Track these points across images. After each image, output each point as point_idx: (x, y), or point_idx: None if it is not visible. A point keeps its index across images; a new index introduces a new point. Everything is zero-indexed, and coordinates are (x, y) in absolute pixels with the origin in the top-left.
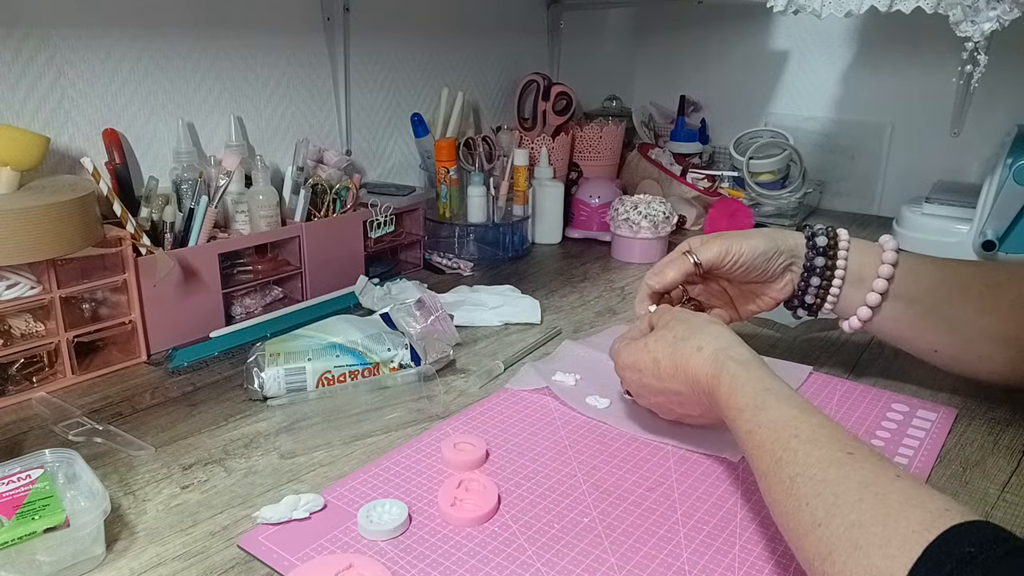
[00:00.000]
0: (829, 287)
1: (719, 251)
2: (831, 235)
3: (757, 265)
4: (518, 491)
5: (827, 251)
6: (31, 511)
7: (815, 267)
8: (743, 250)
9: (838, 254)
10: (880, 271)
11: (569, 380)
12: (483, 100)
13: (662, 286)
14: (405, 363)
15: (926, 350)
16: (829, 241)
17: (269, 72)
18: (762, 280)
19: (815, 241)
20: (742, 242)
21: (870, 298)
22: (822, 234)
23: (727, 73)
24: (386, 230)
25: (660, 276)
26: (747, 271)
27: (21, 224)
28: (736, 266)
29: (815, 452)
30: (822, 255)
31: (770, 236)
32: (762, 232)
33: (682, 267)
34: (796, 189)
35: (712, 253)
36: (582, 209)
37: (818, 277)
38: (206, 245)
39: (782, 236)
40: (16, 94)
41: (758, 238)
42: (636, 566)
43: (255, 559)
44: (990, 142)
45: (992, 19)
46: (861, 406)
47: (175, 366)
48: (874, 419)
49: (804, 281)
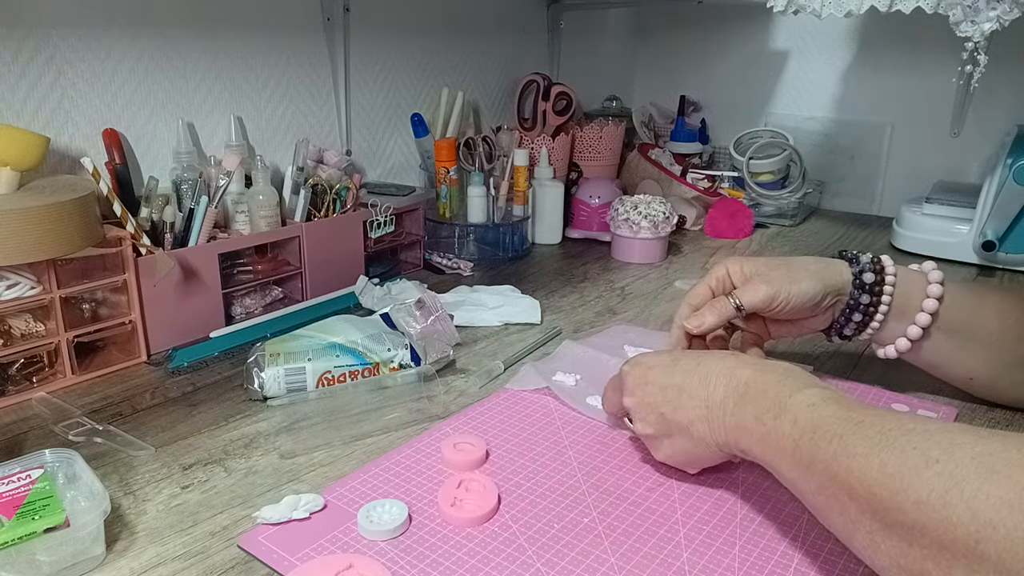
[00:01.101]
0: (871, 322)
1: (766, 297)
2: (877, 268)
3: (805, 309)
4: (518, 491)
5: (873, 287)
6: (31, 511)
7: (859, 304)
8: (791, 295)
9: (884, 289)
10: (924, 305)
11: (569, 380)
12: (483, 100)
13: (700, 331)
14: (405, 363)
15: (960, 377)
16: (876, 277)
17: (269, 72)
18: (805, 317)
19: (862, 279)
20: (791, 287)
21: (911, 331)
22: (869, 269)
23: (727, 73)
24: (386, 230)
25: (698, 320)
26: (792, 313)
27: (21, 224)
28: (783, 311)
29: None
30: (868, 292)
31: (819, 277)
32: (809, 272)
33: (723, 312)
34: (796, 189)
35: (759, 298)
36: (582, 209)
37: (860, 313)
38: (206, 245)
39: (829, 275)
40: (16, 94)
41: (807, 281)
42: (636, 566)
43: (255, 559)
44: (990, 142)
45: (992, 19)
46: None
47: (175, 366)
48: None
49: (845, 316)
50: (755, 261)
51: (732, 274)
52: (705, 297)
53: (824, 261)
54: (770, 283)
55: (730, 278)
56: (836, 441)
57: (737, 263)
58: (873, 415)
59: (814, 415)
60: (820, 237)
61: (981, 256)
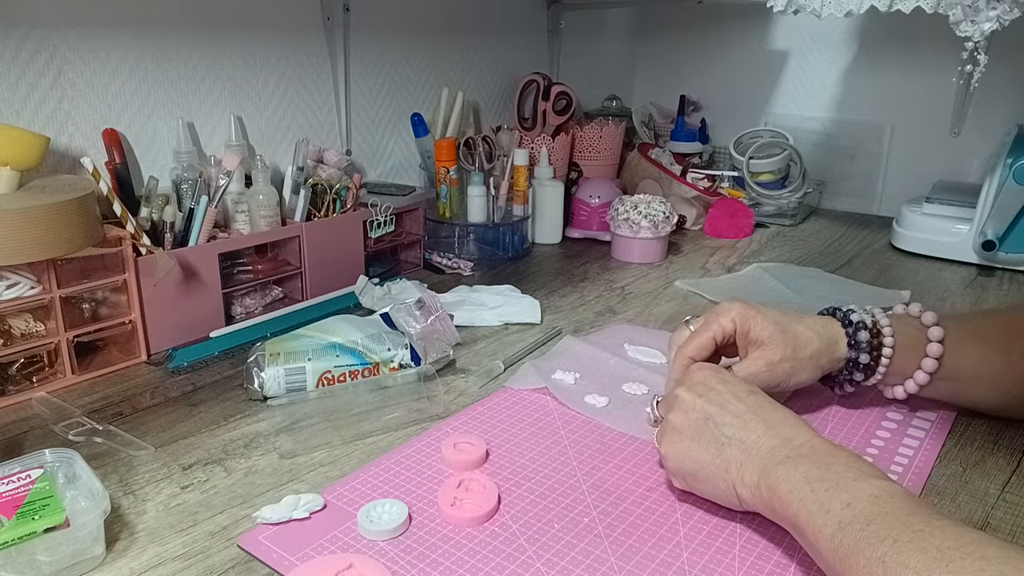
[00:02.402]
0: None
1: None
2: (874, 332)
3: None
4: (518, 491)
5: (871, 357)
6: (31, 511)
7: (859, 363)
8: (789, 384)
9: (880, 361)
10: (923, 364)
11: (569, 379)
12: (483, 100)
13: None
14: (405, 363)
15: (967, 408)
16: (873, 341)
17: (269, 72)
18: None
19: (858, 360)
20: (790, 379)
21: (909, 386)
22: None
23: (727, 73)
24: (386, 230)
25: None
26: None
27: (21, 224)
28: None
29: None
30: (866, 352)
31: (818, 365)
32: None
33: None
34: (796, 189)
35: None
36: (582, 209)
37: (861, 374)
38: (206, 245)
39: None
40: (16, 94)
41: (809, 372)
42: (636, 566)
43: (255, 559)
44: (990, 142)
45: (992, 19)
46: (861, 406)
47: (175, 366)
48: (874, 419)
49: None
50: (763, 321)
51: (739, 329)
52: (708, 350)
53: (827, 337)
54: (772, 372)
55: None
56: (888, 544)
57: (746, 319)
58: (935, 526)
59: (872, 508)
60: (820, 237)
61: (981, 256)
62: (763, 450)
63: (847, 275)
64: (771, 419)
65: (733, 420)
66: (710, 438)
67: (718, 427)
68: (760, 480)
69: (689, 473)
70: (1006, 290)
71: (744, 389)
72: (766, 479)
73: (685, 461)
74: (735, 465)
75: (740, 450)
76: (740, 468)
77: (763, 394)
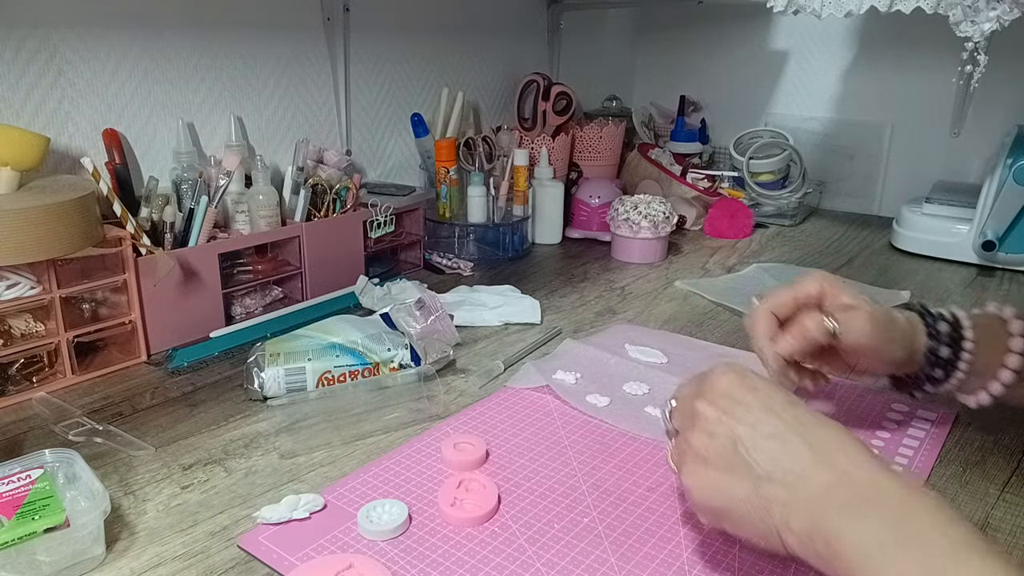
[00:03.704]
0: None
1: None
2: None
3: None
4: (518, 491)
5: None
6: (31, 511)
7: (940, 358)
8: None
9: (961, 356)
10: (1008, 362)
11: (570, 379)
12: (483, 100)
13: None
14: (405, 363)
15: None
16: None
17: (269, 72)
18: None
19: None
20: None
21: (993, 388)
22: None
23: (727, 73)
24: (386, 230)
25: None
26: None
27: (21, 224)
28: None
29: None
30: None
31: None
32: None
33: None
34: (796, 189)
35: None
36: (582, 209)
37: (941, 370)
38: (206, 245)
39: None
40: (16, 94)
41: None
42: (636, 566)
43: (255, 559)
44: (990, 142)
45: (992, 19)
46: (861, 406)
47: (175, 366)
48: (874, 419)
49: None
50: (851, 289)
51: (826, 294)
52: (788, 307)
53: (910, 321)
54: (874, 323)
55: (822, 298)
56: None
57: (837, 284)
58: None
59: None
60: (820, 237)
61: (981, 256)
62: (813, 488)
63: (847, 275)
64: (818, 440)
65: (769, 444)
66: (743, 470)
67: (750, 453)
68: (813, 531)
69: (721, 512)
70: (1006, 290)
71: (780, 399)
72: (822, 531)
73: (714, 498)
74: (777, 506)
75: (782, 487)
76: (784, 510)
77: (804, 405)
